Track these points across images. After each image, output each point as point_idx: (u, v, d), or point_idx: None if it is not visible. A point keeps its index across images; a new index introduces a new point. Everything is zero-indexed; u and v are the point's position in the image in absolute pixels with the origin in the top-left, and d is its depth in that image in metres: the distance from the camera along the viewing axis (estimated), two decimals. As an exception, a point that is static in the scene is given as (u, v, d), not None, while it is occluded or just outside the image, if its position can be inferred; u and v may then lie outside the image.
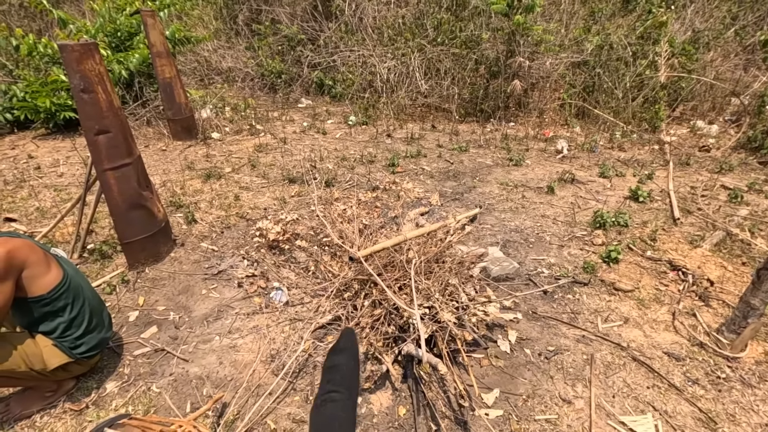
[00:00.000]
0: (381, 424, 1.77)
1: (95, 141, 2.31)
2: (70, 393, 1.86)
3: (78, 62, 2.16)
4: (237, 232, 3.12)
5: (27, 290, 1.66)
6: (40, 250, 1.70)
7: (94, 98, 2.26)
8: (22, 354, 1.66)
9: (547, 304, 2.47)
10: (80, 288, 1.84)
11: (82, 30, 5.80)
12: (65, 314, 1.76)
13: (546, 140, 5.52)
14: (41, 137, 5.14)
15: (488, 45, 6.48)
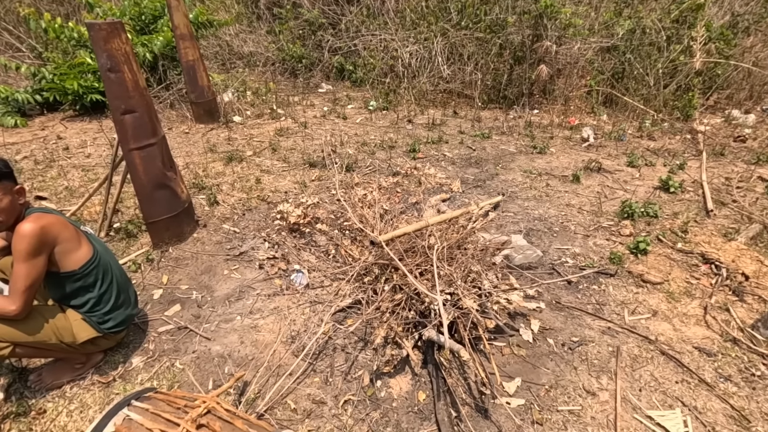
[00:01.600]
0: (400, 408, 1.76)
1: (122, 120, 2.33)
2: (98, 366, 1.91)
3: (105, 41, 2.17)
4: (258, 215, 3.14)
5: (59, 265, 1.70)
6: (71, 227, 1.73)
7: (121, 78, 2.27)
8: (53, 327, 1.71)
9: (572, 294, 2.41)
10: (109, 265, 1.87)
11: (107, 13, 5.87)
12: (95, 290, 1.80)
13: (571, 128, 5.36)
14: (69, 119, 5.25)
15: (514, 29, 6.29)
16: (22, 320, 1.62)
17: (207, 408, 1.29)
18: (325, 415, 1.73)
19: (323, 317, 2.18)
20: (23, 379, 1.84)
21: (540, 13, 5.81)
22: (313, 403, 1.78)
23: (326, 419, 1.72)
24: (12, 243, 1.58)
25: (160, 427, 1.20)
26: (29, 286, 1.59)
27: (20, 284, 1.58)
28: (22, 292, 1.58)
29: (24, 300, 1.59)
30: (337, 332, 2.12)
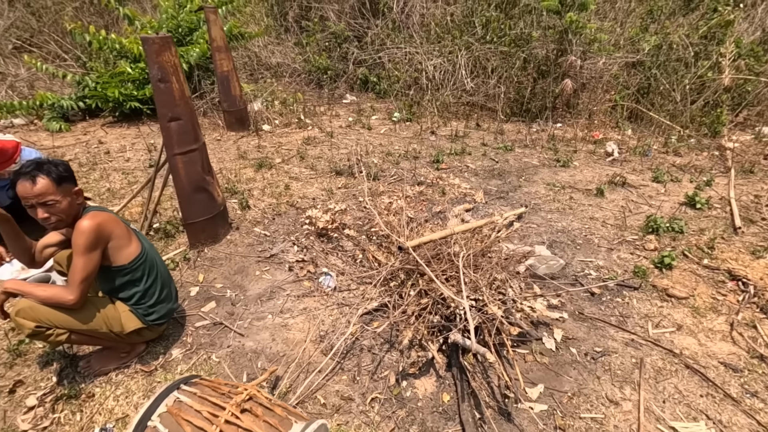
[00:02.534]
0: (425, 408, 1.82)
1: (168, 127, 2.50)
2: (141, 356, 2.04)
3: (157, 54, 2.34)
4: (287, 219, 3.26)
5: (111, 260, 1.83)
6: (123, 225, 1.87)
7: (169, 87, 2.44)
8: (104, 316, 1.84)
9: (595, 305, 2.43)
10: (154, 261, 2.01)
11: (146, 26, 6.19)
12: (141, 284, 1.93)
13: (595, 142, 5.37)
14: (109, 124, 5.54)
15: (538, 44, 6.36)
16: (77, 309, 1.76)
17: (249, 395, 1.38)
18: (353, 411, 1.81)
19: (351, 319, 2.27)
20: (73, 365, 1.98)
21: (565, 28, 5.86)
22: (342, 399, 1.86)
23: (354, 415, 1.79)
24: (72, 238, 1.72)
25: (207, 409, 1.30)
26: (86, 277, 1.73)
27: (78, 276, 1.72)
28: (79, 283, 1.72)
29: (81, 290, 1.73)
30: (364, 333, 2.20)
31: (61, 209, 1.71)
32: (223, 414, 1.27)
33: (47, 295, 1.70)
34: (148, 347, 2.08)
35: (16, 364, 1.98)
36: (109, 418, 1.75)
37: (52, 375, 1.92)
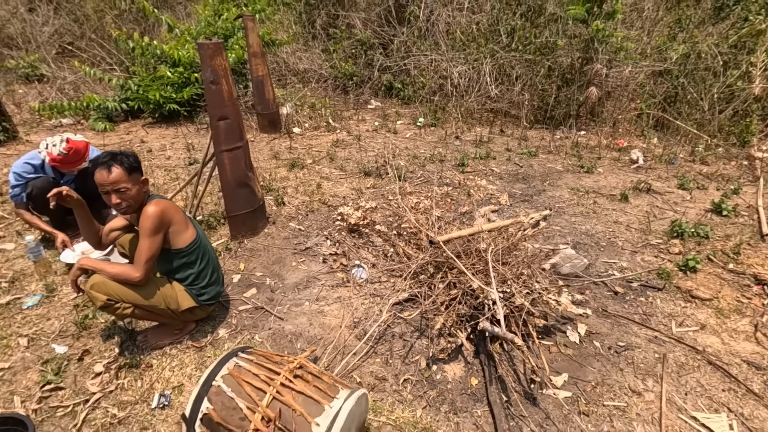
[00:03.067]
0: (454, 390, 1.94)
1: (217, 126, 2.70)
2: (191, 333, 2.22)
3: (210, 58, 2.55)
4: (320, 216, 3.43)
5: (171, 243, 2.02)
6: (181, 212, 2.06)
7: (219, 89, 2.64)
8: (163, 294, 2.03)
9: (618, 304, 2.51)
10: (207, 247, 2.20)
11: (185, 33, 6.53)
12: (195, 266, 2.11)
13: (619, 150, 5.39)
14: (149, 125, 5.86)
15: (563, 52, 6.43)
16: (142, 286, 1.95)
17: (299, 364, 1.53)
18: (387, 390, 1.94)
19: (383, 308, 2.40)
20: (132, 338, 2.17)
21: (591, 36, 5.92)
22: (376, 379, 2.00)
23: (388, 393, 1.92)
24: (139, 222, 1.92)
25: (263, 373, 1.46)
26: (150, 257, 1.92)
27: (144, 256, 1.91)
28: (144, 263, 1.91)
29: (146, 269, 1.92)
30: (396, 322, 2.34)
31: (131, 196, 1.91)
32: (278, 378, 1.42)
33: (117, 272, 1.90)
34: (198, 326, 2.26)
35: (83, 336, 2.18)
36: (166, 386, 1.93)
37: (114, 346, 2.12)
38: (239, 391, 1.38)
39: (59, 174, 2.84)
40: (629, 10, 7.77)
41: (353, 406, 1.40)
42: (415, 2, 8.07)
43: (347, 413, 1.35)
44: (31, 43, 8.70)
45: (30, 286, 2.55)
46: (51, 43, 8.96)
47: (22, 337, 2.18)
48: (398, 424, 1.77)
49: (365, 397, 1.54)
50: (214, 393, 1.38)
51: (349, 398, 1.42)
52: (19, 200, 2.79)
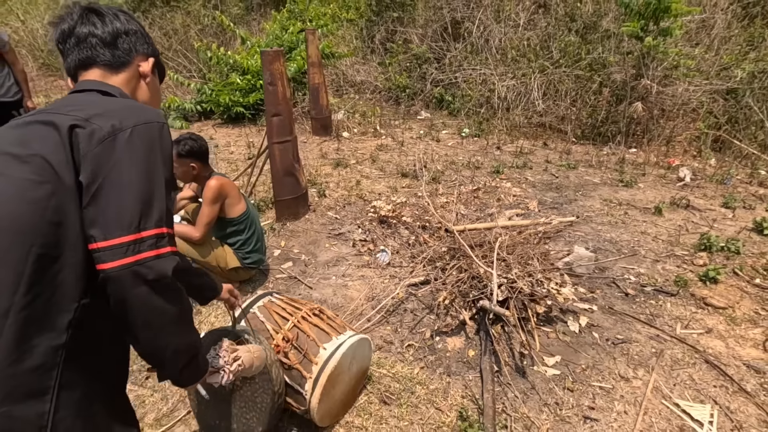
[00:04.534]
0: (452, 358, 2.17)
1: (271, 121, 3.15)
2: (235, 291, 2.63)
3: (270, 63, 3.01)
4: (355, 208, 3.79)
5: (225, 212, 2.46)
6: (237, 188, 2.50)
7: (275, 90, 3.10)
8: (215, 254, 2.46)
9: (626, 304, 2.59)
10: (254, 221, 2.61)
11: (255, 45, 7.28)
12: (243, 234, 2.53)
13: (668, 168, 5.28)
14: (218, 125, 6.60)
15: (615, 68, 6.39)
16: (199, 244, 2.39)
17: (319, 308, 1.86)
18: (392, 351, 2.21)
19: (398, 287, 2.68)
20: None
21: (644, 53, 5.87)
22: (384, 342, 2.27)
23: (393, 354, 2.19)
24: (203, 193, 2.36)
25: (290, 308, 1.80)
26: (208, 222, 2.36)
27: (203, 220, 2.35)
28: (203, 225, 2.35)
29: (204, 230, 2.36)
30: (409, 299, 2.60)
31: (178, 174, 2.37)
32: (300, 312, 1.76)
33: (181, 231, 2.35)
34: (240, 286, 2.67)
35: (151, 285, 2.67)
36: (210, 327, 2.33)
37: (174, 294, 2.57)
38: (269, 318, 1.74)
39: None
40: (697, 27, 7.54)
41: (356, 342, 1.70)
42: (470, 19, 8.37)
43: (349, 346, 1.66)
44: (129, 52, 10.01)
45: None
46: (144, 53, 10.23)
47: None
48: (397, 377, 2.04)
49: (368, 342, 1.83)
50: (250, 317, 1.74)
51: (353, 336, 1.72)
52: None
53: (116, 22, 0.95)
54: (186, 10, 11.16)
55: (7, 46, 3.48)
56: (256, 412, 1.53)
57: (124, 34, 0.96)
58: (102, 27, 0.93)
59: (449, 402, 1.92)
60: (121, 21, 0.97)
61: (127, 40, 0.97)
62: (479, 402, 1.90)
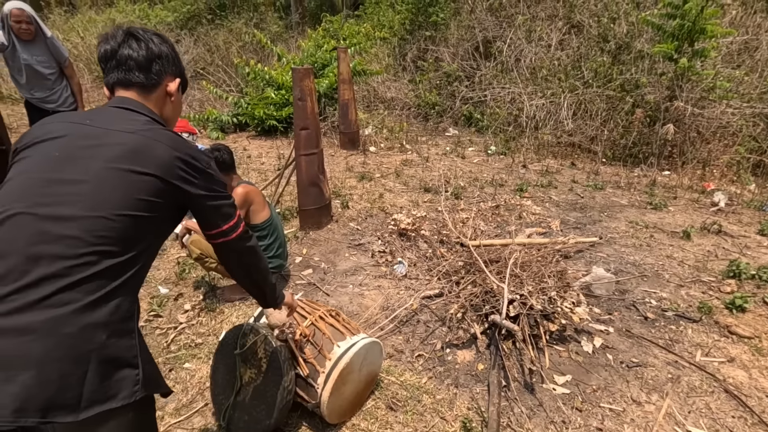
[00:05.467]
0: (461, 370, 2.19)
1: (299, 134, 3.32)
2: (256, 294, 2.76)
3: (300, 79, 3.19)
4: (376, 220, 3.88)
5: (250, 218, 2.60)
6: (262, 196, 2.64)
7: (304, 105, 3.27)
8: (239, 257, 2.59)
9: (645, 327, 2.54)
10: (278, 228, 2.75)
11: (290, 62, 7.60)
12: (266, 240, 2.66)
13: (702, 192, 5.12)
14: (252, 137, 6.91)
15: (648, 89, 6.29)
16: (225, 247, 2.53)
17: (336, 311, 1.95)
18: (402, 360, 2.26)
19: (413, 298, 2.73)
20: (213, 291, 2.77)
21: (678, 74, 5.76)
22: (395, 350, 2.32)
23: (402, 363, 2.24)
24: (230, 198, 2.52)
25: (309, 308, 1.90)
26: (234, 226, 2.50)
27: (230, 224, 2.49)
28: (229, 229, 2.49)
29: (230, 234, 2.50)
30: (422, 310, 2.65)
31: None
32: (318, 312, 1.85)
33: (209, 234, 2.51)
34: (262, 289, 2.80)
35: (179, 284, 2.84)
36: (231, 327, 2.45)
37: (199, 294, 2.73)
38: None
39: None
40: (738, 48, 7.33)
41: (368, 344, 1.78)
42: (501, 38, 8.45)
43: (362, 346, 1.74)
44: (174, 67, 10.65)
45: (149, 245, 3.33)
46: (187, 68, 10.85)
47: (140, 278, 2.90)
48: (405, 385, 2.08)
49: (379, 346, 1.90)
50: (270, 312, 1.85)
51: (366, 338, 1.81)
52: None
53: (152, 46, 1.12)
54: (229, 27, 11.80)
55: (67, 62, 3.83)
56: (266, 406, 1.62)
57: (157, 58, 1.13)
58: (139, 51, 1.10)
59: (454, 412, 1.95)
60: (156, 44, 1.13)
61: (159, 63, 1.13)
62: (484, 415, 1.91)
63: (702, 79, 5.76)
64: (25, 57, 3.57)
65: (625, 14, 7.37)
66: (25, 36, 3.52)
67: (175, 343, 2.35)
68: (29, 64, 3.60)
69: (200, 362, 2.23)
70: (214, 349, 2.13)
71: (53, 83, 3.77)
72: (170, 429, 1.86)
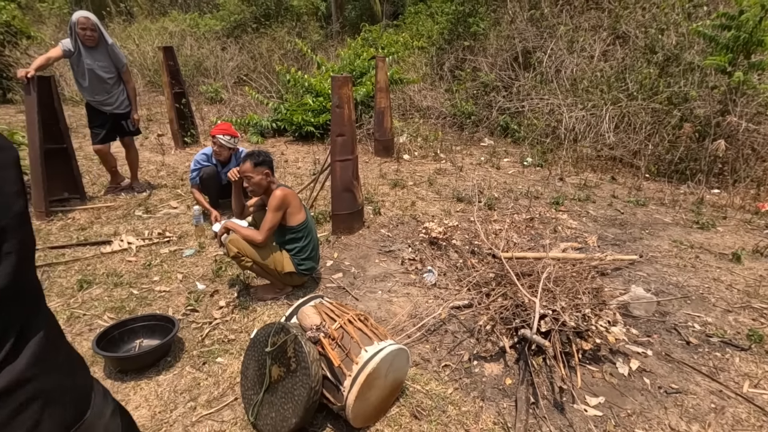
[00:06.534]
0: (488, 383, 2.15)
1: (335, 140, 3.39)
2: (288, 294, 2.82)
3: (339, 87, 3.27)
4: (408, 228, 3.89)
5: (286, 220, 2.68)
6: (299, 200, 2.72)
7: (342, 112, 3.34)
8: (273, 257, 2.67)
9: (687, 353, 2.41)
10: (312, 231, 2.81)
11: (329, 70, 7.78)
12: (300, 242, 2.73)
13: (756, 213, 4.81)
14: (289, 142, 7.10)
15: (698, 103, 6.00)
16: (261, 247, 2.62)
17: (365, 315, 1.97)
18: (428, 369, 2.25)
19: (442, 307, 2.71)
20: (246, 290, 2.86)
21: (732, 88, 5.47)
22: (421, 359, 2.32)
23: (428, 372, 2.23)
24: (268, 201, 2.61)
25: (338, 311, 1.94)
26: (270, 227, 2.59)
27: (266, 225, 2.58)
28: (266, 230, 2.58)
29: (266, 235, 2.59)
30: (450, 320, 2.63)
31: (254, 182, 2.63)
32: (347, 316, 1.88)
33: (246, 233, 2.60)
34: (293, 291, 2.87)
35: (216, 281, 2.95)
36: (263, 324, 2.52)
37: (234, 292, 2.83)
38: (318, 316, 1.89)
39: (220, 164, 3.84)
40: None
41: (395, 350, 1.79)
42: (542, 49, 8.32)
43: (389, 352, 1.75)
44: (219, 74, 11.14)
45: (189, 242, 3.49)
46: (232, 74, 11.32)
47: (180, 273, 3.04)
48: (430, 394, 2.07)
49: (406, 353, 1.90)
50: (301, 313, 1.90)
51: (394, 345, 1.82)
52: (194, 182, 3.84)
53: None
54: (272, 36, 12.24)
55: (125, 67, 4.10)
56: (293, 404, 1.65)
57: None
58: None
59: (480, 426, 1.91)
60: None
61: None
62: (511, 431, 1.87)
63: (759, 93, 5.44)
64: (89, 62, 3.86)
65: (675, 25, 7.09)
66: (90, 42, 3.80)
67: (209, 338, 2.44)
68: (92, 69, 3.88)
69: (232, 357, 2.30)
70: (246, 346, 2.20)
71: (112, 87, 4.05)
72: (202, 419, 1.93)
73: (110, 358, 2.17)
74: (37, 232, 3.63)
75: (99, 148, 4.19)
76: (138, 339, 2.36)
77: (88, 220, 3.94)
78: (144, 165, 5.39)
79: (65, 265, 3.16)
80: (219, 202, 3.99)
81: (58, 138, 3.99)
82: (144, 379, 2.16)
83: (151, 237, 3.55)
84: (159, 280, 2.99)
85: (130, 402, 2.02)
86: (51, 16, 14.83)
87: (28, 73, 3.56)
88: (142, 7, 15.94)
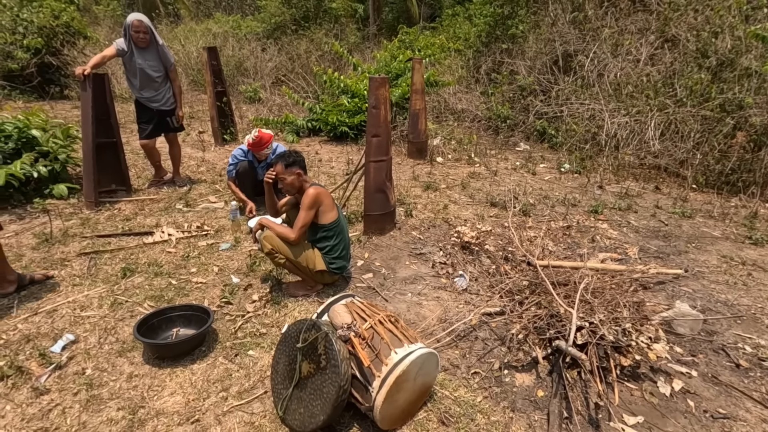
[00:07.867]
0: (519, 394, 2.10)
1: (370, 141, 3.40)
2: (318, 292, 2.85)
3: (376, 89, 3.28)
4: (439, 231, 3.85)
5: (318, 219, 2.71)
6: (331, 198, 2.75)
7: (378, 113, 3.35)
8: (306, 255, 2.71)
9: (737, 376, 2.26)
10: (344, 230, 2.83)
11: (365, 71, 7.83)
12: (332, 241, 2.76)
13: (817, 229, 4.46)
14: (324, 142, 7.20)
15: (754, 111, 5.64)
16: (294, 245, 2.66)
17: (395, 317, 1.96)
18: (457, 375, 2.21)
19: (473, 313, 2.67)
20: (279, 285, 2.91)
21: (793, 95, 5.11)
22: (450, 365, 2.28)
23: (457, 378, 2.19)
24: (301, 200, 2.65)
25: (369, 311, 1.95)
26: (303, 225, 2.62)
27: (299, 223, 2.62)
28: (299, 228, 2.62)
29: (299, 233, 2.63)
30: (481, 327, 2.57)
31: (287, 182, 2.67)
32: (378, 316, 1.88)
33: (280, 231, 2.65)
34: (324, 289, 2.89)
35: (249, 275, 3.03)
36: (293, 321, 2.56)
37: (267, 287, 2.89)
38: (349, 315, 1.90)
39: (256, 160, 3.96)
40: None
41: (425, 354, 1.77)
42: (584, 52, 8.06)
43: (419, 355, 1.74)
44: (258, 74, 11.44)
45: (225, 237, 3.60)
46: (270, 74, 11.60)
47: (216, 266, 3.13)
48: (458, 401, 2.03)
49: (436, 358, 1.88)
50: (333, 311, 1.92)
51: (424, 348, 1.80)
52: (231, 175, 3.97)
53: None
54: (310, 38, 12.46)
55: (172, 67, 4.29)
56: (321, 401, 1.67)
57: None
58: None
59: (510, 438, 1.86)
60: None
61: None
62: (542, 445, 1.81)
63: (824, 101, 5.05)
64: (140, 62, 4.05)
65: (730, 28, 6.69)
66: (142, 44, 4.00)
67: (241, 330, 2.50)
68: (142, 68, 4.08)
69: (263, 351, 2.35)
70: (277, 340, 2.24)
71: (159, 85, 4.24)
72: (233, 410, 1.97)
73: (149, 344, 2.26)
74: (86, 220, 3.84)
75: (145, 143, 4.39)
76: (175, 327, 2.45)
77: (133, 211, 4.13)
78: (185, 160, 5.60)
79: (111, 253, 3.32)
80: (255, 199, 4.09)
81: (109, 132, 4.20)
82: (179, 366, 2.23)
83: (190, 230, 3.68)
84: (196, 272, 3.10)
85: (166, 388, 2.09)
86: (105, 18, 15.70)
87: (84, 70, 3.78)
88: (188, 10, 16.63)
